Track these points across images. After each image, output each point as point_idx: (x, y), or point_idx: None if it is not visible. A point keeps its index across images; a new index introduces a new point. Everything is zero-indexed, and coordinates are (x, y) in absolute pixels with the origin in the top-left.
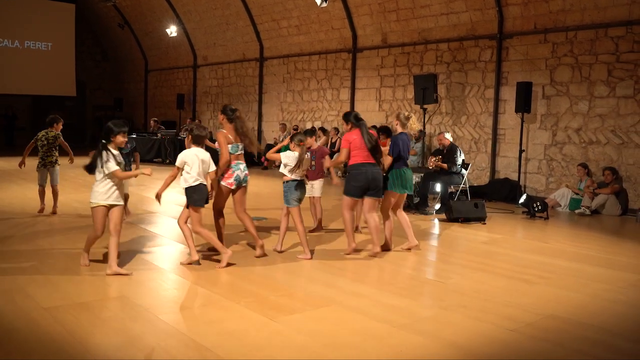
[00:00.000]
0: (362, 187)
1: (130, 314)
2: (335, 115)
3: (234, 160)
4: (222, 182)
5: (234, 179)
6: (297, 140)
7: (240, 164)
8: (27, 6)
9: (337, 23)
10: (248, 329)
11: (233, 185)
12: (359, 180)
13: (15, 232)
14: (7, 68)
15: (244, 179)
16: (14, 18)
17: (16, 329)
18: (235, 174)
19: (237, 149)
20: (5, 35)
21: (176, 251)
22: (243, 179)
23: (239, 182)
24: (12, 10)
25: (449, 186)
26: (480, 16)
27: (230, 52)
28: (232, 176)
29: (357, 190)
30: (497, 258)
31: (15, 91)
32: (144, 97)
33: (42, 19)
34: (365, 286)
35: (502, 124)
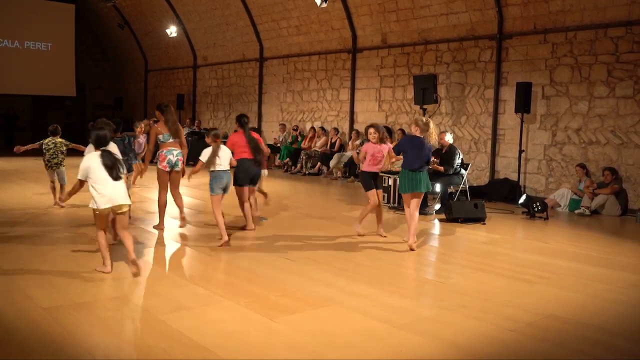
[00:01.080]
0: (247, 177)
1: (129, 314)
2: (335, 116)
3: (167, 147)
4: (159, 166)
5: (167, 162)
6: (213, 136)
7: (174, 150)
8: (27, 6)
9: (337, 23)
10: (248, 329)
11: (167, 167)
12: (244, 171)
13: (15, 232)
14: (7, 68)
15: (176, 163)
16: (14, 18)
17: (16, 329)
18: (168, 158)
19: (168, 138)
20: (5, 36)
21: (176, 250)
22: (175, 163)
23: (172, 165)
24: (12, 10)
25: (448, 186)
26: (480, 16)
27: (230, 53)
28: (165, 160)
29: (245, 180)
30: (497, 258)
31: (15, 91)
32: (144, 97)
33: (42, 19)
34: (365, 286)
35: (501, 124)
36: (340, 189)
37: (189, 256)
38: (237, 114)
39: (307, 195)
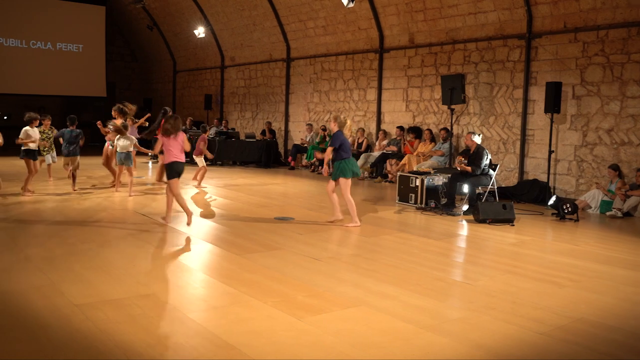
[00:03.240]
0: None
1: (159, 312)
2: (362, 116)
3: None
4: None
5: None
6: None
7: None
8: (59, 9)
9: (364, 23)
10: (275, 329)
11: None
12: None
13: (47, 229)
14: (39, 69)
15: None
16: (47, 21)
17: (49, 324)
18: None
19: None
20: (38, 37)
21: (204, 250)
22: None
23: None
24: (45, 13)
25: (476, 187)
26: (509, 15)
27: (257, 53)
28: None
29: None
30: (526, 260)
31: (47, 92)
32: (172, 98)
33: (74, 21)
34: (392, 287)
35: (531, 125)
36: (366, 189)
37: (218, 255)
38: (264, 114)
39: None
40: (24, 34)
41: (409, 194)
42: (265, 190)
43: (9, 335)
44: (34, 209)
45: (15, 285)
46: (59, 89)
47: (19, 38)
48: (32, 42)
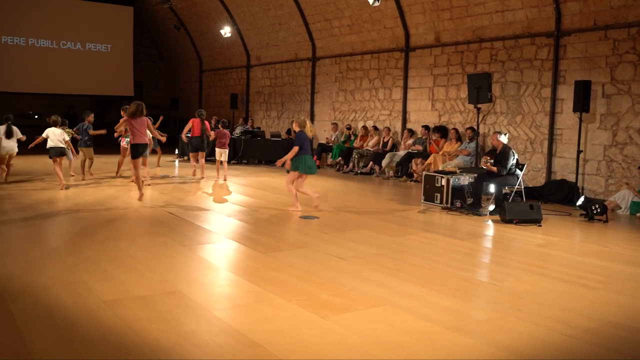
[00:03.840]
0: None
1: (185, 309)
2: (388, 115)
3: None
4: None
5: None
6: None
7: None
8: (88, 10)
9: (390, 22)
10: (300, 327)
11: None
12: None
13: (76, 226)
14: (69, 69)
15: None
16: (77, 22)
17: (79, 320)
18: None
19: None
20: (68, 38)
21: (229, 248)
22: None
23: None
24: (75, 14)
25: (503, 187)
26: (537, 13)
27: (282, 52)
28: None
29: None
30: (554, 261)
31: (76, 91)
32: (198, 97)
33: (102, 22)
34: (417, 287)
35: (559, 124)
36: (392, 189)
37: (242, 253)
38: (289, 113)
39: (358, 195)
40: (54, 34)
41: (435, 194)
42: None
43: (39, 330)
44: (63, 206)
45: (45, 281)
46: (87, 88)
47: (49, 38)
48: (62, 42)
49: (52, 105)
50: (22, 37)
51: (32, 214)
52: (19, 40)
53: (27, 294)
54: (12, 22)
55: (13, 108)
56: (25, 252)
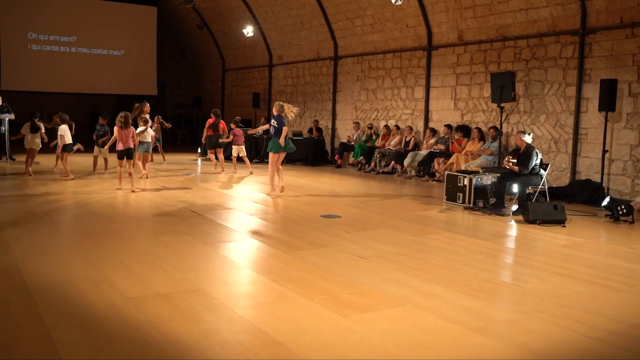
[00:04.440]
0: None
1: (207, 306)
2: (410, 114)
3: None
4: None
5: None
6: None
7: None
8: (113, 10)
9: (412, 21)
10: (321, 326)
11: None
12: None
13: (100, 224)
14: (94, 69)
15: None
16: (101, 22)
17: (103, 317)
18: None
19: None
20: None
21: (251, 246)
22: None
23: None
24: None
25: (526, 187)
26: (562, 11)
27: (305, 51)
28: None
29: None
30: (578, 262)
31: (101, 91)
32: (221, 96)
33: (127, 22)
34: (439, 287)
35: (584, 123)
36: (414, 188)
37: (264, 252)
38: (311, 112)
39: (380, 194)
40: (79, 35)
41: (457, 193)
42: (312, 188)
43: (64, 325)
44: (88, 203)
45: (71, 278)
46: (111, 87)
47: (75, 39)
48: (87, 42)
49: (78, 104)
50: (48, 37)
51: (55, 211)
52: (45, 40)
53: (53, 290)
54: (38, 23)
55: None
56: (51, 249)
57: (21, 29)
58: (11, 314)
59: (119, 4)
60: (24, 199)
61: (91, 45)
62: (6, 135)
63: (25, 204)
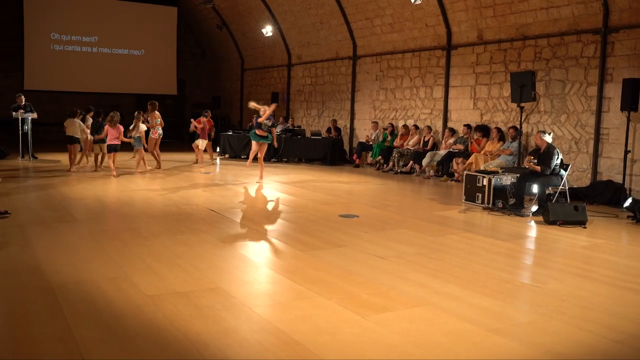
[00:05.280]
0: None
1: (225, 305)
2: (428, 114)
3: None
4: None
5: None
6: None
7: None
8: (134, 11)
9: (431, 20)
10: (339, 326)
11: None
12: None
13: (120, 223)
14: (115, 69)
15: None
16: (123, 22)
17: (123, 314)
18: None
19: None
20: (115, 38)
21: (270, 245)
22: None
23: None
24: (121, 15)
25: (546, 187)
26: (584, 9)
27: (323, 51)
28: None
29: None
30: (599, 264)
31: (121, 90)
32: (240, 96)
33: (148, 22)
34: (458, 288)
35: (605, 123)
36: (432, 188)
37: (283, 251)
38: (330, 111)
39: (398, 194)
40: (101, 35)
41: (476, 194)
42: (330, 187)
43: (86, 323)
44: (109, 202)
45: (91, 276)
46: (132, 87)
47: (96, 39)
48: (108, 42)
49: (99, 103)
50: (71, 38)
51: (75, 210)
52: (67, 40)
53: (74, 288)
54: (60, 24)
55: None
56: (72, 248)
57: (44, 30)
58: (34, 312)
59: (139, 5)
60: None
61: (112, 45)
62: (29, 134)
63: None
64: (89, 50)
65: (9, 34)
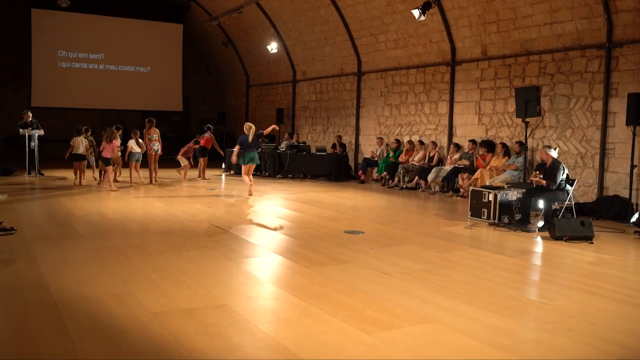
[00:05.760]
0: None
1: (230, 322)
2: (433, 129)
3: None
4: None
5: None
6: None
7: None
8: (140, 28)
9: (436, 36)
10: (344, 343)
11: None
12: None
13: (125, 239)
14: (120, 85)
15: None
16: (128, 39)
17: (127, 331)
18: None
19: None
20: (120, 55)
21: (274, 262)
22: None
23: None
24: (127, 32)
25: (552, 203)
26: (587, 25)
27: (328, 67)
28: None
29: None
30: (606, 280)
31: (127, 107)
32: (245, 112)
33: (153, 39)
34: (464, 304)
35: (611, 138)
36: (438, 204)
37: (288, 267)
38: (335, 127)
39: (404, 210)
40: (107, 52)
41: (482, 209)
42: (335, 203)
43: (90, 339)
44: (112, 217)
45: (96, 292)
46: (138, 104)
47: (102, 56)
48: (114, 59)
49: (105, 120)
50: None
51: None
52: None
53: (78, 304)
54: (68, 41)
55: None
56: (77, 264)
57: (52, 47)
58: (39, 328)
59: (146, 22)
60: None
61: (118, 62)
62: (36, 151)
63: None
64: (95, 67)
65: (18, 51)
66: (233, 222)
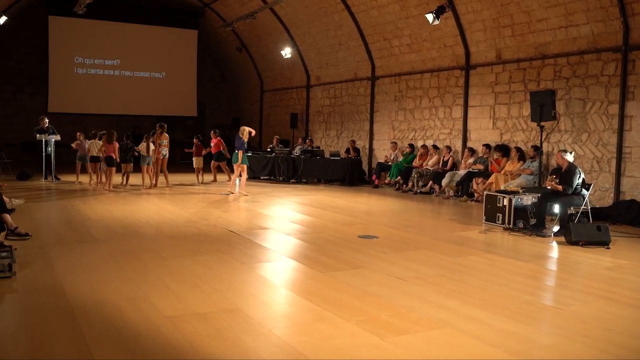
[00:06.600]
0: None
1: (244, 326)
2: (448, 134)
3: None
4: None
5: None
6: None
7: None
8: (155, 34)
9: (450, 40)
10: (359, 348)
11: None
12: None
13: (140, 243)
14: (135, 91)
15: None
16: (144, 45)
17: (141, 335)
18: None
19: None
20: (136, 61)
21: (288, 266)
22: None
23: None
24: (142, 38)
25: (568, 207)
26: (603, 28)
27: (342, 72)
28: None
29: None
30: (623, 285)
31: (142, 112)
32: (259, 117)
33: (168, 45)
34: (478, 309)
35: (628, 142)
36: (452, 208)
37: (301, 272)
38: (349, 132)
39: (418, 215)
40: (123, 58)
41: (496, 214)
42: (349, 208)
43: (105, 343)
44: (127, 222)
45: (110, 296)
46: (152, 109)
47: (118, 62)
48: (129, 65)
49: (119, 125)
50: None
51: (96, 231)
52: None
53: (94, 308)
54: (84, 48)
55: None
56: (92, 268)
57: (68, 54)
58: (54, 332)
59: (161, 28)
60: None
61: (134, 68)
62: (52, 156)
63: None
64: (111, 73)
65: (35, 58)
66: (247, 226)
